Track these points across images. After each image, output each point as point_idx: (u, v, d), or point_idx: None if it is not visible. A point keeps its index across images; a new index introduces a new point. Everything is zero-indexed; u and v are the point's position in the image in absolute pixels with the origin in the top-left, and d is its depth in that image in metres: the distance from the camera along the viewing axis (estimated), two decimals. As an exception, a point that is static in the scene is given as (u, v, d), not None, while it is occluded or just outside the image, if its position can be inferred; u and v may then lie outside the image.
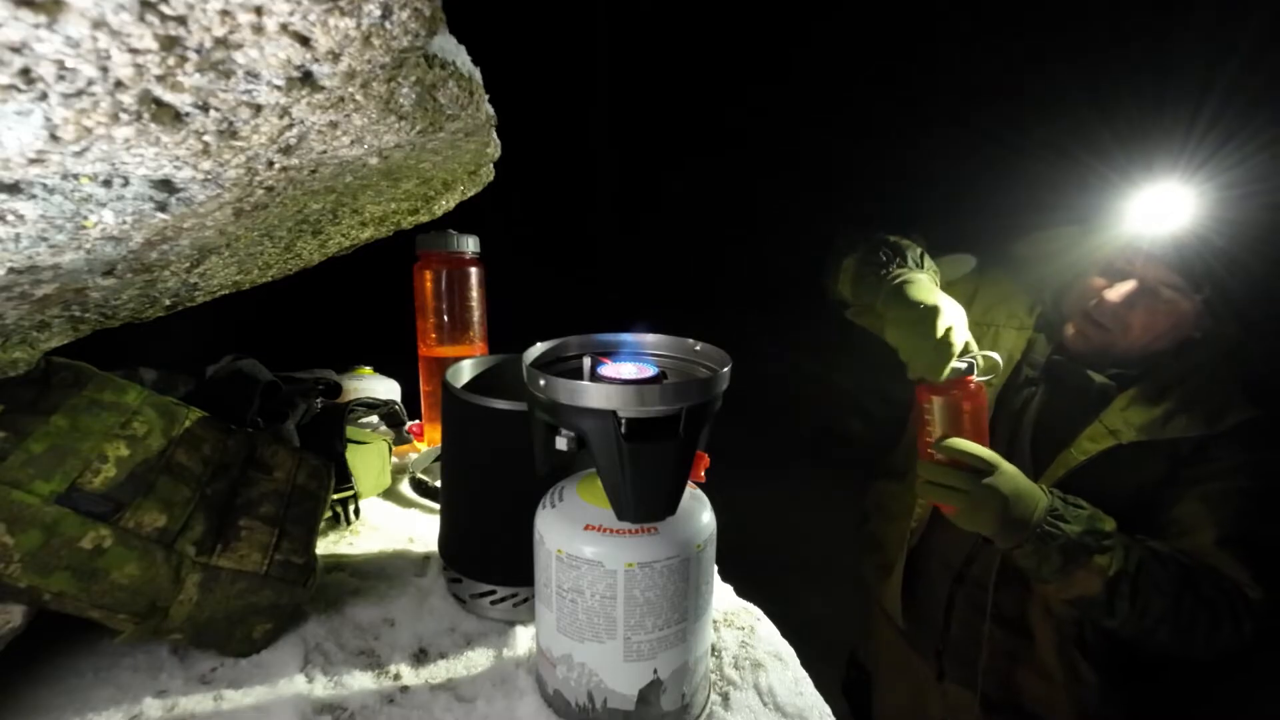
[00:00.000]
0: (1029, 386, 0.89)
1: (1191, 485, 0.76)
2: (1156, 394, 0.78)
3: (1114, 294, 0.80)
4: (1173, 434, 0.76)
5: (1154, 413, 0.77)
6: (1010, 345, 0.90)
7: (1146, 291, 0.79)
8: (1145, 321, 0.80)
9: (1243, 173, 0.72)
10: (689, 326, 0.53)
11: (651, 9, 2.37)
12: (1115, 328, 0.81)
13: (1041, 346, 0.89)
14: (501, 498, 0.57)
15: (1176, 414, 0.77)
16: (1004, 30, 1.79)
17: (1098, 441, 0.79)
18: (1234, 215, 0.72)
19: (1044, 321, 0.90)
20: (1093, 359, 0.84)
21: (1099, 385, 0.82)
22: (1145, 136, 0.83)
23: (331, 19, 0.26)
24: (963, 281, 0.99)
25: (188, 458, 0.56)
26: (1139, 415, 0.78)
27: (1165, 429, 0.77)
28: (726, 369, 0.44)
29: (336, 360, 1.10)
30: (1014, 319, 0.92)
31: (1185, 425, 0.76)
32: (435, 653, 0.55)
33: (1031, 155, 1.08)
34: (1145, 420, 0.78)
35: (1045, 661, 0.86)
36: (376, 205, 0.61)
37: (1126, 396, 0.80)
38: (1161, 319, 0.79)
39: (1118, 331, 0.81)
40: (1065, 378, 0.85)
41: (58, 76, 0.23)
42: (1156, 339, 0.80)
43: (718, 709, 0.51)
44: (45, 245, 0.34)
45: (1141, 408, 0.79)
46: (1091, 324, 0.83)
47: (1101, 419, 0.80)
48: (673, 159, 2.67)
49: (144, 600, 0.48)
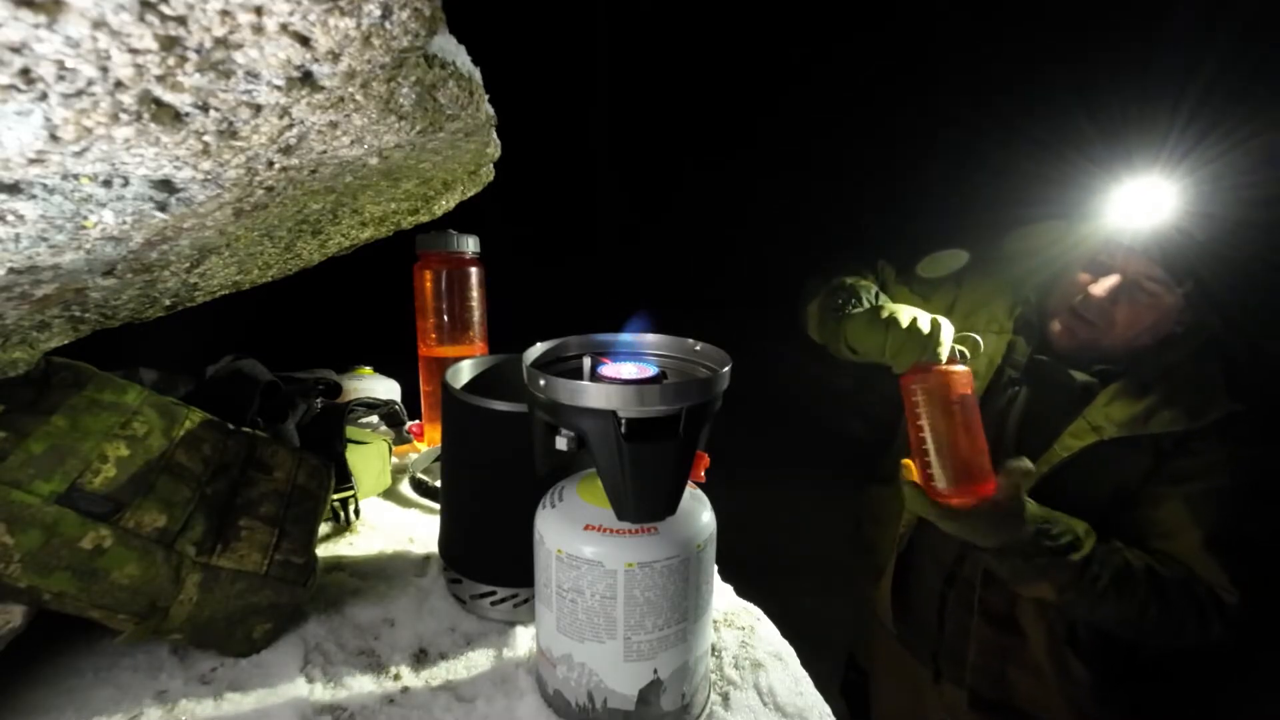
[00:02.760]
0: (1012, 387, 0.89)
1: (1174, 484, 0.76)
2: (1139, 389, 0.78)
3: (1098, 289, 0.80)
4: (1156, 429, 0.76)
5: (1137, 408, 0.77)
6: (991, 349, 0.90)
7: (1129, 286, 0.79)
8: (1129, 316, 0.80)
9: (1223, 166, 0.72)
10: (689, 326, 0.53)
11: (651, 9, 2.37)
12: (1100, 322, 0.81)
13: (1021, 348, 0.89)
14: (501, 498, 0.57)
15: (1159, 409, 0.76)
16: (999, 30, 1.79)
17: (1080, 438, 0.79)
18: (1215, 209, 0.72)
19: (1024, 323, 0.90)
20: (1077, 355, 0.84)
21: (1081, 383, 0.82)
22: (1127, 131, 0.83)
23: (331, 19, 0.26)
24: (941, 292, 1.00)
25: (188, 458, 0.56)
26: (1121, 411, 0.78)
27: (1148, 424, 0.76)
28: (726, 369, 0.44)
29: (336, 360, 1.10)
30: (993, 323, 0.92)
31: (1168, 420, 0.76)
32: (435, 653, 0.55)
33: (1017, 150, 1.08)
34: (1128, 416, 0.78)
35: (1036, 659, 0.86)
36: (376, 205, 0.61)
37: (1109, 392, 0.80)
38: (1145, 313, 0.79)
39: (1103, 326, 0.81)
40: (1047, 376, 0.85)
41: (58, 76, 0.23)
42: (1140, 334, 0.80)
43: (718, 709, 0.51)
44: (45, 245, 0.34)
45: (1124, 403, 0.78)
46: (1077, 319, 0.83)
47: (1085, 415, 0.80)
48: (673, 159, 2.67)
49: (144, 600, 0.48)
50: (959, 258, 1.01)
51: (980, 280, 0.97)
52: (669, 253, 2.77)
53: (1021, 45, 1.69)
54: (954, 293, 0.98)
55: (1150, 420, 0.76)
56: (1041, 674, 0.85)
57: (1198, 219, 0.73)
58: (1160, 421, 0.76)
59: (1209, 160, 0.73)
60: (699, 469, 0.51)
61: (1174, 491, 0.76)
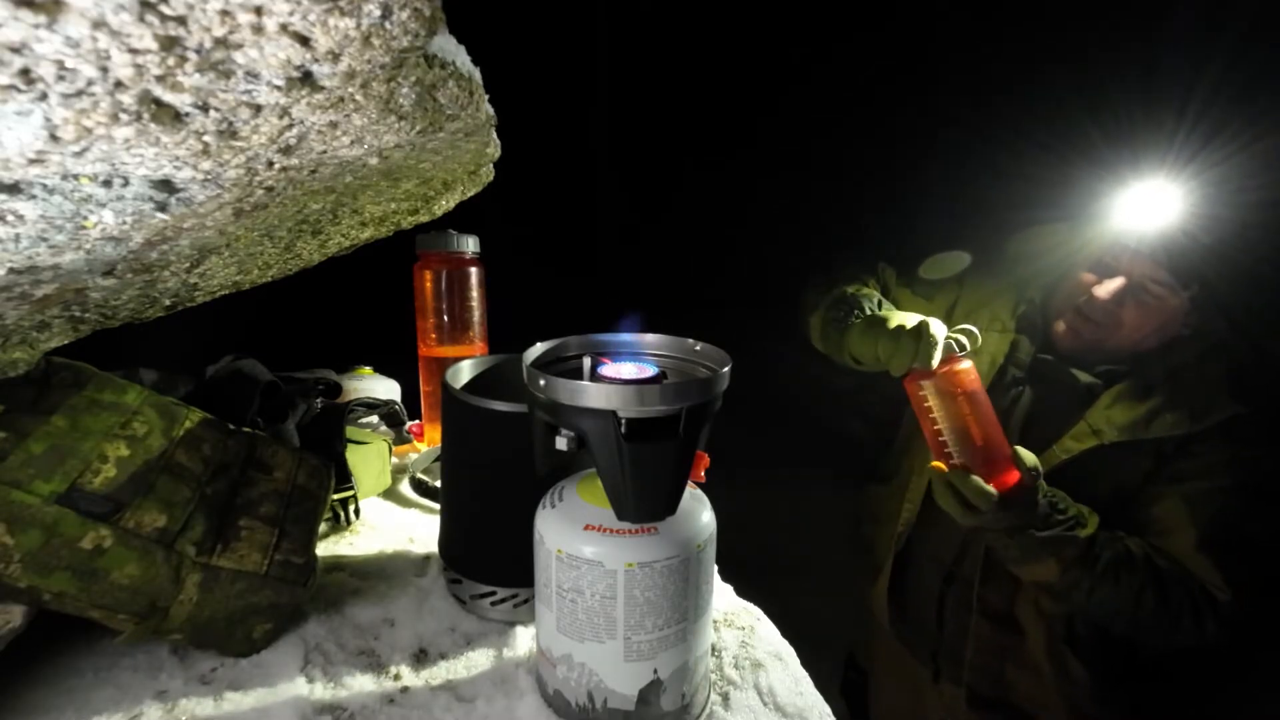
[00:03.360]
0: (1016, 386, 0.88)
1: (1174, 483, 0.76)
2: (1142, 392, 0.78)
3: (1103, 290, 0.80)
4: (1157, 433, 0.76)
5: (1138, 411, 0.77)
6: (994, 348, 0.90)
7: (1135, 288, 0.79)
8: (1134, 318, 0.80)
9: (1228, 169, 0.72)
10: (689, 326, 0.53)
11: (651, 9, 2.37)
12: (1106, 324, 0.81)
13: (1025, 347, 0.89)
14: (501, 498, 0.57)
15: (1161, 412, 0.76)
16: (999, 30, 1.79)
17: (1081, 441, 0.79)
18: (1221, 212, 0.72)
19: (1026, 322, 0.90)
20: (1082, 356, 0.84)
21: (1085, 384, 0.82)
22: (1132, 133, 0.83)
23: (331, 19, 0.26)
24: (943, 292, 1.00)
25: (188, 458, 0.56)
26: (1123, 414, 0.78)
27: (1150, 428, 0.76)
28: (726, 369, 0.44)
29: (336, 360, 1.10)
30: (996, 322, 0.92)
31: (1170, 424, 0.76)
32: (435, 653, 0.55)
33: (1022, 153, 1.08)
34: (1129, 420, 0.77)
35: (1035, 658, 0.86)
36: (376, 205, 0.61)
37: (1112, 394, 0.80)
38: (1150, 315, 0.79)
39: (1108, 328, 0.81)
40: (1051, 376, 0.85)
41: (58, 77, 0.23)
42: (1145, 336, 0.80)
43: (718, 709, 0.51)
44: (45, 245, 0.34)
45: (1126, 406, 0.78)
46: (1082, 320, 0.83)
47: (1086, 418, 0.80)
48: (673, 159, 2.67)
49: (144, 600, 0.48)
50: (961, 259, 1.01)
51: (982, 280, 0.97)
52: (669, 253, 2.77)
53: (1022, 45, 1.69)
54: (956, 293, 0.98)
55: (1152, 424, 0.76)
56: (1040, 673, 0.85)
57: (1203, 222, 0.73)
58: (1162, 425, 0.76)
59: (1214, 164, 0.73)
60: (699, 469, 0.51)
61: (1172, 490, 0.76)
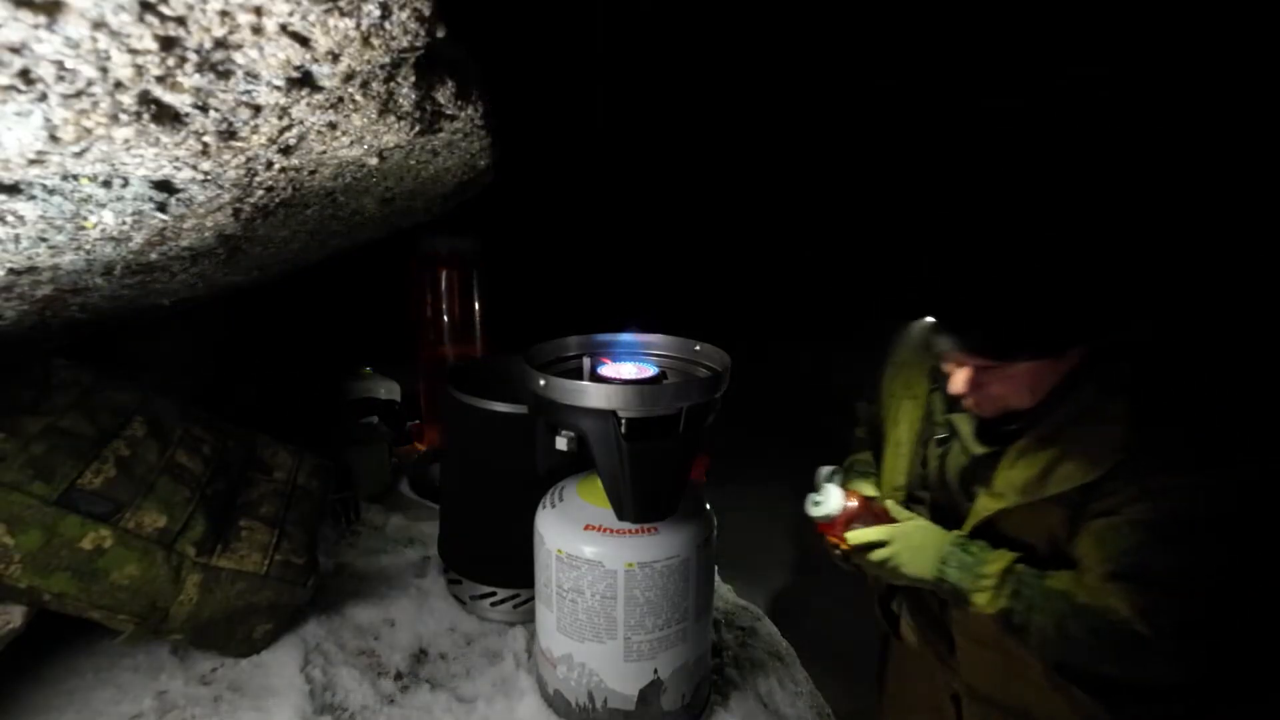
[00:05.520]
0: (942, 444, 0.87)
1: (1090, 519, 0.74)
2: (1040, 444, 0.73)
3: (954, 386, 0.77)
4: (1054, 490, 0.71)
5: (1034, 470, 0.72)
6: (910, 415, 0.89)
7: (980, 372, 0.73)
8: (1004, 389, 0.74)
9: None
10: (689, 327, 0.53)
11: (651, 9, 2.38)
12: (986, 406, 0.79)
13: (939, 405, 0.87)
14: (501, 498, 0.57)
15: (1055, 466, 0.73)
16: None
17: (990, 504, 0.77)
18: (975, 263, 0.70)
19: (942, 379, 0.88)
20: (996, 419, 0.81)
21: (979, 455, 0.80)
22: None
23: (331, 19, 0.26)
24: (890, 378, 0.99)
25: (188, 458, 0.56)
26: (1021, 474, 0.73)
27: (1045, 486, 0.72)
28: (726, 369, 0.44)
29: (336, 360, 1.10)
30: (909, 389, 0.91)
31: (1064, 478, 0.70)
32: (435, 653, 0.55)
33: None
34: (1025, 480, 0.72)
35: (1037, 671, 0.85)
36: (376, 205, 0.61)
37: (1015, 450, 0.75)
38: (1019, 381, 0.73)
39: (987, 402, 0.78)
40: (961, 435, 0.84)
41: (57, 77, 0.23)
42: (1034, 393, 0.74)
43: (718, 709, 0.51)
44: (45, 246, 0.34)
45: (1025, 464, 0.73)
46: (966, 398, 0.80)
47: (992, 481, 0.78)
48: (673, 158, 2.67)
49: (144, 601, 0.48)
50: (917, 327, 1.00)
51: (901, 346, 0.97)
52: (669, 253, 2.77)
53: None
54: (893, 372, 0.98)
55: (1048, 481, 0.72)
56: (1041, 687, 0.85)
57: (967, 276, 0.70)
58: (1057, 480, 0.71)
59: None
60: (699, 469, 0.51)
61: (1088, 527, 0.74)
